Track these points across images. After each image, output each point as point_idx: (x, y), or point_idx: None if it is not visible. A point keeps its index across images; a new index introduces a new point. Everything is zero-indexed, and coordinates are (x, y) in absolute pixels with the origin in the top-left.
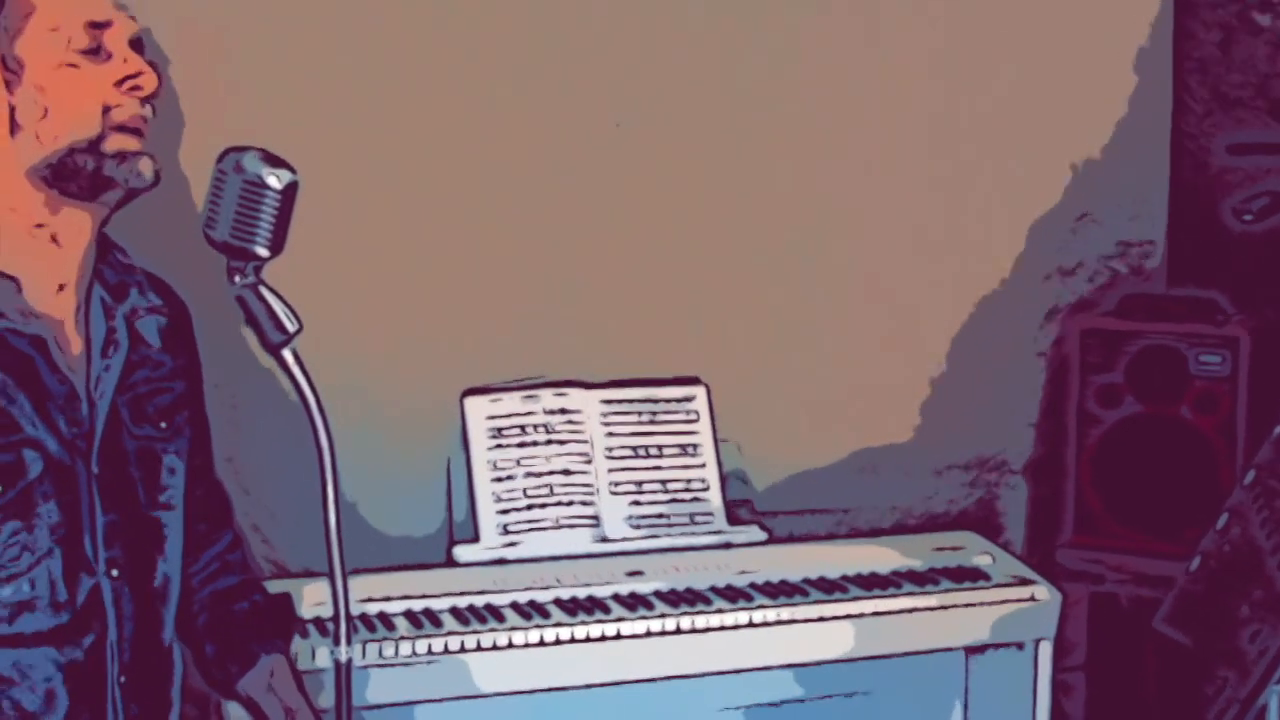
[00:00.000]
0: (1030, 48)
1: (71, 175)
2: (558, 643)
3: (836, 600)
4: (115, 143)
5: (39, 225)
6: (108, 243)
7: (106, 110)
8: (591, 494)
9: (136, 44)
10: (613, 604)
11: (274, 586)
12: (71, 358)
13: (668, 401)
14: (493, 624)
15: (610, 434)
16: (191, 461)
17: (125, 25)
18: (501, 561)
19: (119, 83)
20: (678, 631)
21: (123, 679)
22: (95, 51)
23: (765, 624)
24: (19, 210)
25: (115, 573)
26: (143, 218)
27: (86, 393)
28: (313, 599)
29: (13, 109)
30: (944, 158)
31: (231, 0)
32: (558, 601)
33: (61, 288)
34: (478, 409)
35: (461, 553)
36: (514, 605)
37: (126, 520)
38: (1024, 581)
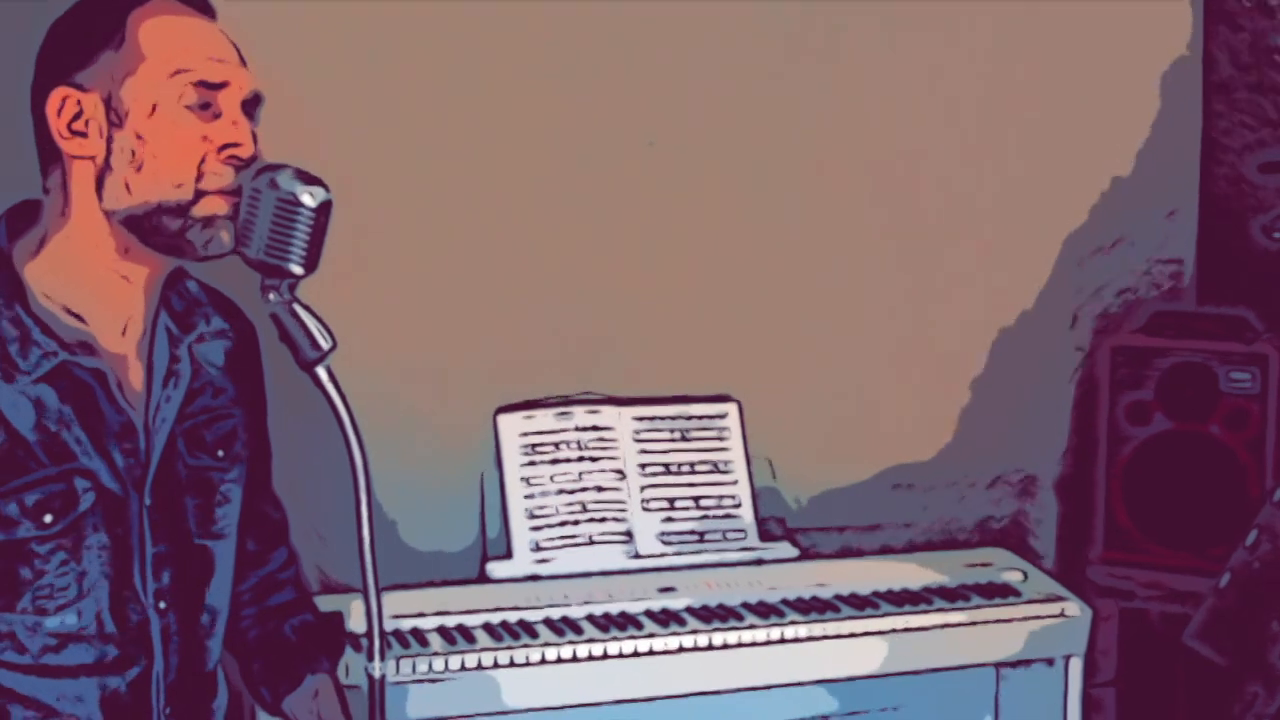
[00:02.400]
0: (1060, 69)
1: (153, 230)
2: (590, 659)
3: (868, 616)
4: (205, 207)
5: (113, 262)
6: (178, 271)
7: (200, 176)
8: (624, 510)
9: (250, 104)
10: (645, 620)
11: (319, 600)
12: (131, 389)
13: (700, 419)
14: (526, 640)
15: (643, 451)
16: (249, 483)
17: (241, 86)
18: (535, 578)
19: (219, 149)
20: (710, 648)
21: (168, 710)
22: (205, 107)
23: (797, 640)
24: (98, 245)
25: (163, 604)
26: None
27: (145, 424)
28: (350, 615)
29: (110, 151)
30: (976, 176)
31: (269, 22)
32: (590, 617)
33: (128, 320)
34: (511, 426)
35: (495, 569)
36: (547, 621)
37: (176, 551)
38: (1054, 598)
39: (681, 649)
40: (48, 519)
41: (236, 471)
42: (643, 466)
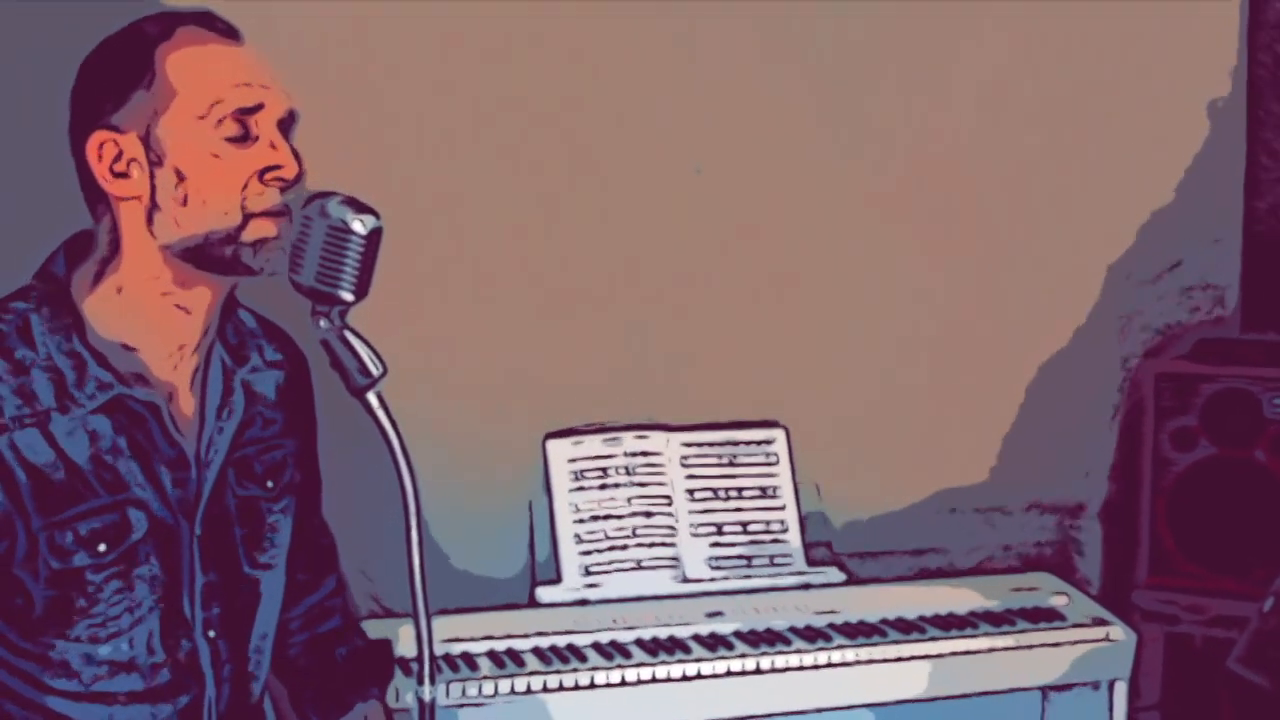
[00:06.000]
0: (1105, 97)
1: (208, 260)
2: (639, 683)
3: (914, 641)
4: (254, 230)
5: (168, 293)
6: (232, 301)
7: (245, 199)
8: (672, 535)
9: (286, 122)
10: (693, 644)
11: (367, 627)
12: (184, 420)
13: (747, 444)
14: (575, 664)
15: (690, 476)
16: (298, 511)
17: (275, 107)
18: (583, 602)
19: (260, 172)
20: (757, 671)
21: None
22: (241, 133)
23: (844, 664)
24: (153, 278)
25: (212, 633)
26: None
27: (197, 455)
28: (400, 640)
29: (154, 188)
30: (1022, 203)
31: (317, 51)
32: (639, 642)
33: (182, 351)
34: (560, 452)
35: (544, 593)
36: (595, 645)
37: (226, 581)
38: (1099, 622)
39: (729, 673)
40: (102, 548)
41: (286, 502)
42: (690, 492)
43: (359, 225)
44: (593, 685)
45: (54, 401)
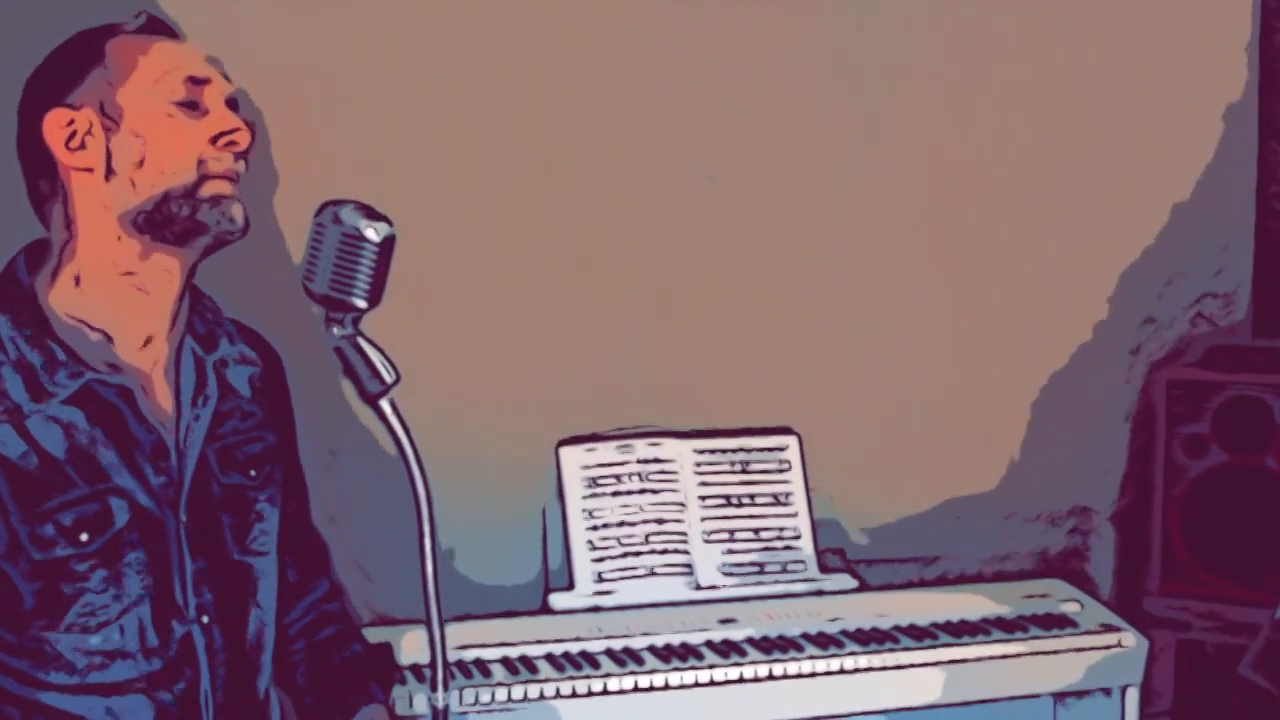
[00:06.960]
0: (1116, 105)
1: (165, 221)
2: (651, 689)
3: (926, 647)
4: (209, 188)
5: (129, 273)
6: (197, 293)
7: (201, 162)
8: (685, 542)
9: (232, 103)
10: (706, 651)
11: (376, 633)
12: (159, 408)
13: (760, 451)
14: (588, 671)
15: (703, 483)
16: (284, 510)
17: (222, 84)
18: (596, 609)
19: (214, 138)
20: (770, 678)
21: None
22: (193, 106)
23: (856, 670)
24: (110, 257)
25: (206, 619)
26: (240, 269)
27: (175, 443)
28: (413, 646)
29: (109, 155)
30: (1031, 212)
31: (327, 56)
32: (652, 649)
33: (150, 339)
34: (573, 459)
35: (557, 600)
36: (608, 652)
37: (216, 567)
38: (1111, 629)
39: (742, 679)
40: (84, 537)
41: (271, 492)
42: (703, 499)
43: (372, 232)
44: (605, 692)
45: (25, 396)
